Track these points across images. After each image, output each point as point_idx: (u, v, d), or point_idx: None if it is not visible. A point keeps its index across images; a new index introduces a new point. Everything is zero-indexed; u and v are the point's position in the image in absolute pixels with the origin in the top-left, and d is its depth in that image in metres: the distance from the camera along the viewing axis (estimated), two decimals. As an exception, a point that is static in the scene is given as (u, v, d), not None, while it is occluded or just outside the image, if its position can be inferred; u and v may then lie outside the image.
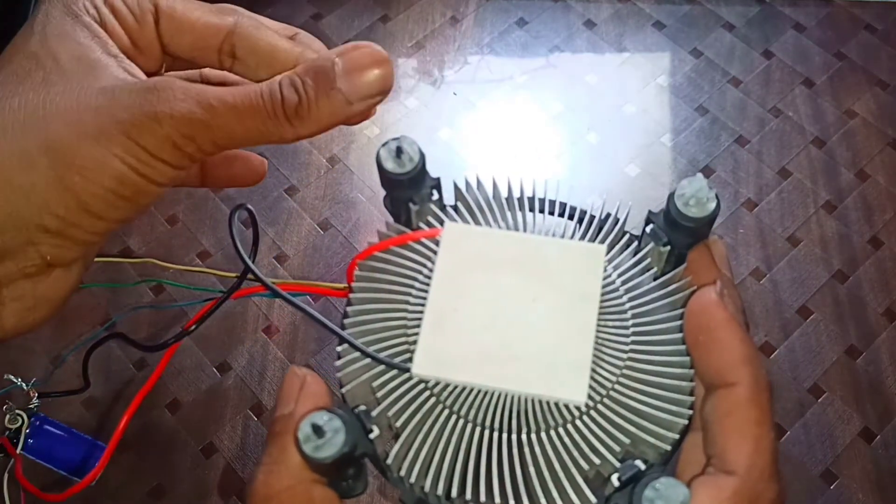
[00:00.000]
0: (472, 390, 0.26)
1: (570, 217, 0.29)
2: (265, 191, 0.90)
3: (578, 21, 0.96)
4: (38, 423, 0.66)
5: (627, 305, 0.27)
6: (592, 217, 0.29)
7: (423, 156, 0.27)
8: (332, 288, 0.32)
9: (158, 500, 0.78)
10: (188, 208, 0.88)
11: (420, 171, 0.27)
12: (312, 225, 0.83)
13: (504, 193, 0.29)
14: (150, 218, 0.89)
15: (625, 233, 0.29)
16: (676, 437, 0.25)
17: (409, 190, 0.28)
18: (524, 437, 0.25)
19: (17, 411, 0.63)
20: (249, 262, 0.28)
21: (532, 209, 0.29)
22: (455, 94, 0.91)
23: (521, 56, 0.94)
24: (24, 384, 0.56)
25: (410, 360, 0.26)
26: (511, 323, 0.26)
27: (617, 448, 0.25)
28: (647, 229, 0.28)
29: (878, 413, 0.83)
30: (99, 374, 0.82)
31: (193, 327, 0.28)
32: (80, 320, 0.84)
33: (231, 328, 0.81)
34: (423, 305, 0.27)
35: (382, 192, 0.30)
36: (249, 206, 0.32)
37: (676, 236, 0.27)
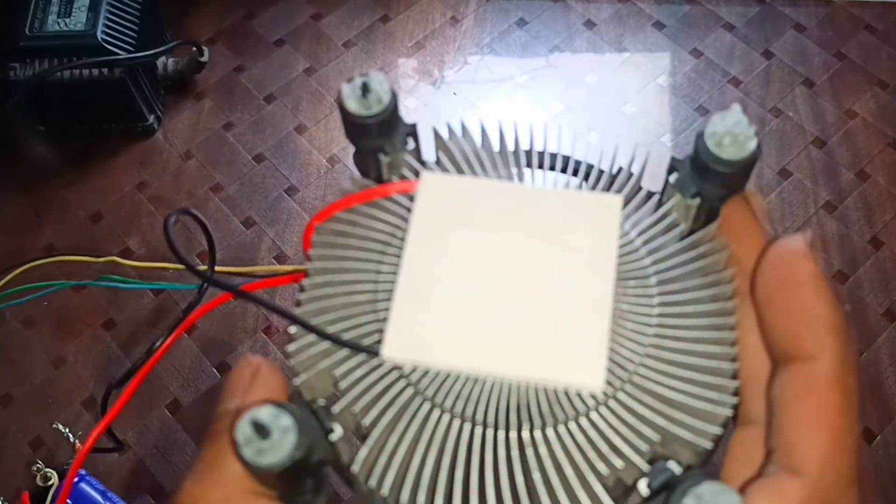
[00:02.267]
0: (458, 378, 0.21)
1: (575, 173, 0.24)
2: (265, 191, 0.90)
3: (578, 21, 0.95)
4: (77, 480, 0.62)
5: (651, 269, 0.22)
6: (602, 172, 0.23)
7: (395, 96, 0.22)
8: (296, 272, 0.26)
9: (158, 500, 0.78)
10: (194, 205, 0.88)
11: (391, 115, 0.22)
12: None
13: (496, 144, 0.24)
14: (149, 218, 0.89)
15: (641, 187, 0.24)
16: (718, 430, 0.20)
17: (378, 138, 0.23)
18: (526, 434, 0.20)
19: (46, 470, 0.61)
20: (182, 255, 0.22)
21: (530, 164, 0.24)
22: (455, 94, 0.91)
23: (521, 56, 0.94)
24: (70, 435, 0.53)
25: (380, 341, 0.21)
26: (505, 292, 0.21)
27: (643, 446, 0.20)
28: (671, 179, 0.22)
29: (879, 413, 0.82)
30: (98, 376, 0.82)
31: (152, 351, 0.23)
32: (79, 320, 0.84)
33: (231, 328, 0.81)
34: (395, 274, 0.22)
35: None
36: (192, 211, 0.27)
37: (707, 186, 0.22)
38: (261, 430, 0.18)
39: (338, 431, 0.20)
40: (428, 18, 0.94)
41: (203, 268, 0.22)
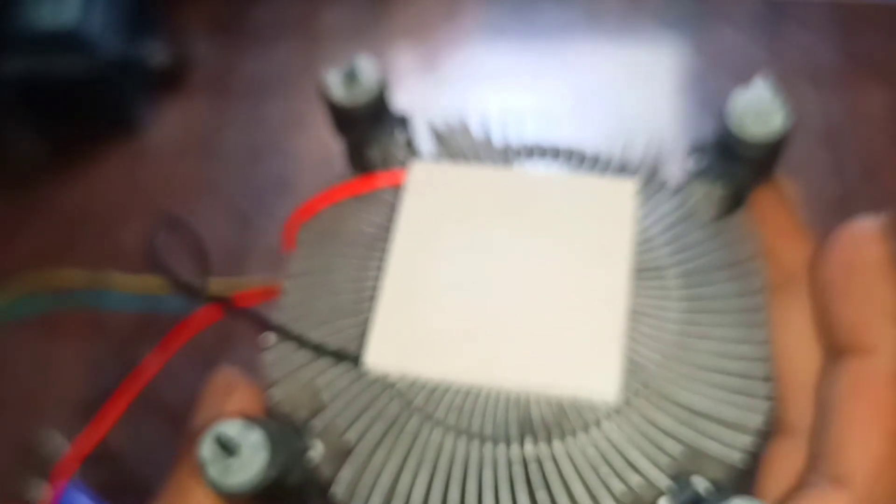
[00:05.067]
0: (451, 387, 0.19)
1: (583, 162, 0.22)
2: (260, 189, 0.89)
3: (580, 16, 0.95)
4: (68, 489, 0.61)
5: (671, 262, 0.20)
6: (613, 159, 0.22)
7: (384, 82, 0.21)
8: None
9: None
10: (181, 208, 0.87)
11: (380, 103, 0.21)
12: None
13: (497, 136, 0.22)
14: (140, 218, 0.88)
15: (658, 174, 0.22)
16: (749, 441, 0.18)
17: (366, 128, 0.21)
18: (529, 448, 0.18)
19: (37, 481, 0.60)
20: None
21: (534, 157, 0.22)
22: (453, 91, 0.91)
23: (522, 52, 0.93)
24: (62, 443, 0.51)
25: (365, 349, 0.19)
26: (505, 291, 0.19)
27: (664, 460, 0.18)
28: (692, 163, 0.21)
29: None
30: (89, 379, 0.81)
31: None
32: (68, 321, 0.83)
33: (229, 329, 0.80)
34: (383, 275, 0.20)
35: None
36: (182, 220, 0.26)
37: (732, 170, 0.20)
38: (228, 446, 0.17)
39: (318, 448, 0.19)
40: (426, 14, 0.93)
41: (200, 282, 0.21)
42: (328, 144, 0.88)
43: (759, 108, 0.19)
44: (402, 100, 0.21)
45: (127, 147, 0.89)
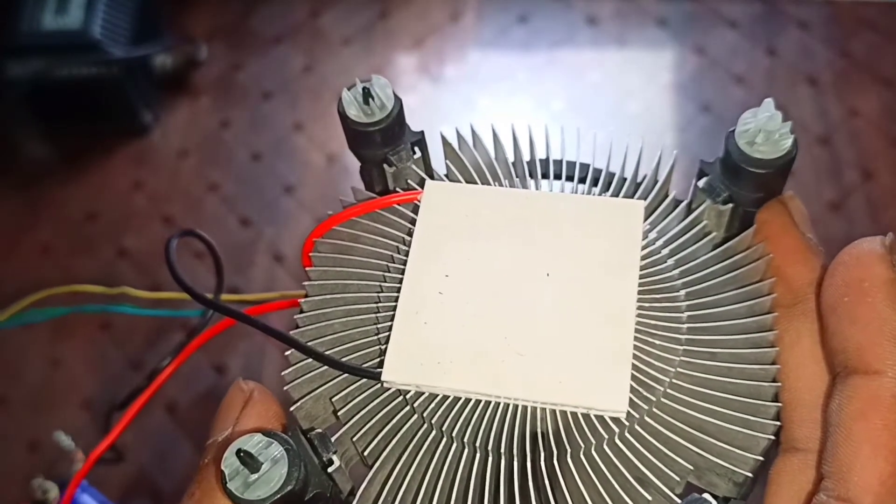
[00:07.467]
0: (466, 402, 0.19)
1: (595, 182, 0.22)
2: (263, 190, 0.89)
3: (580, 18, 0.94)
4: (79, 491, 0.62)
5: (679, 282, 0.20)
6: (624, 179, 0.21)
7: (399, 102, 0.21)
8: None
9: (157, 502, 0.78)
10: (185, 209, 0.87)
11: (395, 121, 0.21)
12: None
13: (509, 151, 0.22)
14: (145, 217, 0.88)
15: (669, 194, 0.22)
16: (757, 459, 0.18)
17: (382, 146, 0.21)
18: (543, 463, 0.18)
19: (46, 483, 0.61)
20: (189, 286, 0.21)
21: (547, 174, 0.22)
22: (454, 94, 0.90)
23: (523, 53, 0.93)
24: (73, 443, 0.52)
25: (382, 364, 0.19)
26: (517, 308, 0.19)
27: (675, 477, 0.18)
28: (700, 183, 0.20)
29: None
30: (95, 377, 0.81)
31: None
32: (75, 321, 0.83)
33: (229, 329, 0.80)
34: (399, 292, 0.20)
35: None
36: (200, 232, 0.26)
37: (740, 189, 0.20)
38: (249, 461, 0.17)
39: (336, 463, 0.19)
40: (428, 15, 0.93)
41: (210, 296, 0.21)
42: (328, 144, 0.89)
43: (769, 130, 0.19)
44: (404, 100, 0.21)
45: (133, 148, 0.90)
